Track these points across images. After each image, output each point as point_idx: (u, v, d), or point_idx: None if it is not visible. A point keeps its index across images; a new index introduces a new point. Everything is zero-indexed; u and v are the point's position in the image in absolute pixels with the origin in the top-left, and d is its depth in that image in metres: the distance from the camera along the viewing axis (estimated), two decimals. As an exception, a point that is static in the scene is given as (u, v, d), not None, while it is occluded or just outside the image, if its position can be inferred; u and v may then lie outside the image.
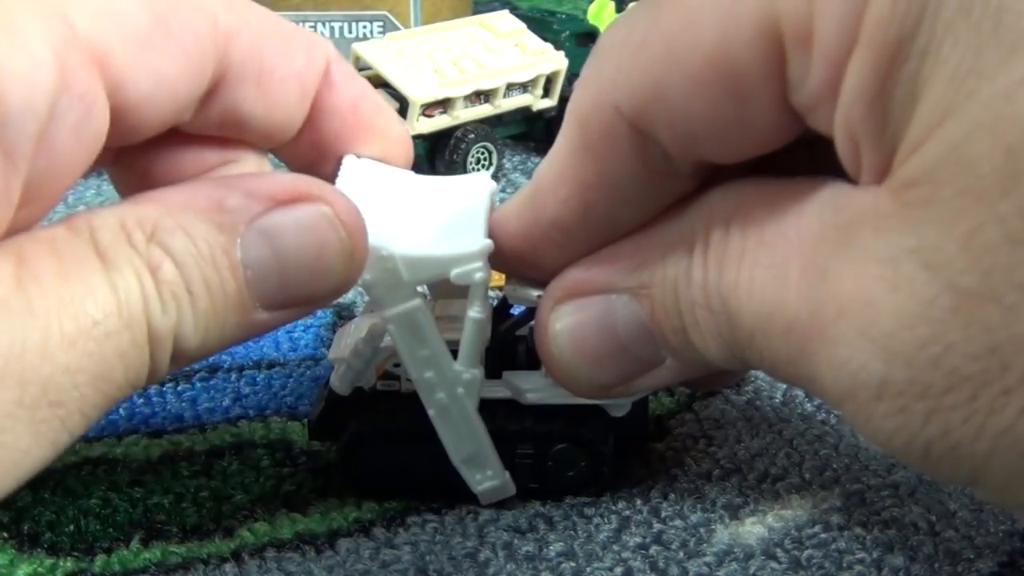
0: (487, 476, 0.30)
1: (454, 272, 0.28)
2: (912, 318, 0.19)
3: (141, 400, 0.37)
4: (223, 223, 0.22)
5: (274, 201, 0.23)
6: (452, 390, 0.29)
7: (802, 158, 0.24)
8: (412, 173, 0.31)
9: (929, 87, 0.19)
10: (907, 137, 0.19)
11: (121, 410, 0.37)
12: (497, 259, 0.28)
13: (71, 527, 0.31)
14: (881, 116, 0.20)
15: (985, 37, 0.18)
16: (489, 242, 0.28)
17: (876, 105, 0.20)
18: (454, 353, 0.29)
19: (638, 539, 0.30)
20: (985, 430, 0.19)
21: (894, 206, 0.20)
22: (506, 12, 0.62)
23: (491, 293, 0.32)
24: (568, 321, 0.27)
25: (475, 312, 0.28)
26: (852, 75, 0.20)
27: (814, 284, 0.21)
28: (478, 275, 0.28)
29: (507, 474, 0.31)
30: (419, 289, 0.28)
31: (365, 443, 0.31)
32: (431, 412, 0.29)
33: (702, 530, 0.30)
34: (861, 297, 0.20)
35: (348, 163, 0.30)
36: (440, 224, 0.29)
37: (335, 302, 0.44)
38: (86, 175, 0.57)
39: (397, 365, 0.31)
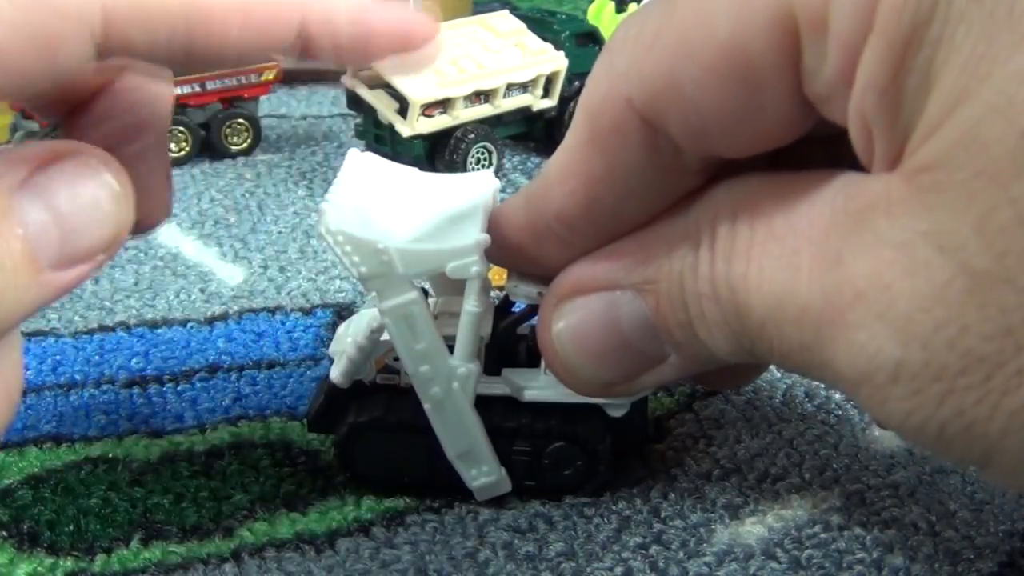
0: (483, 472, 0.31)
1: (450, 265, 0.28)
2: (928, 300, 0.19)
3: (141, 400, 0.37)
4: None
5: (38, 161, 0.22)
6: (447, 384, 0.29)
7: (816, 158, 0.24)
8: (416, 170, 0.31)
9: (943, 74, 0.19)
10: (921, 123, 0.20)
11: (121, 410, 0.37)
12: (499, 253, 0.28)
13: (71, 527, 0.31)
14: (895, 103, 0.20)
15: (998, 23, 0.18)
16: (486, 236, 0.28)
17: (890, 92, 0.20)
18: (454, 349, 0.29)
19: (638, 539, 0.30)
20: (999, 410, 0.19)
21: (907, 191, 0.20)
22: (506, 12, 0.62)
23: (493, 293, 0.32)
24: (571, 319, 0.27)
25: (471, 306, 0.28)
26: (866, 63, 0.20)
27: (828, 270, 0.21)
28: (474, 268, 0.28)
29: (503, 470, 0.31)
30: (417, 284, 0.28)
31: (362, 435, 0.31)
32: (427, 406, 0.29)
33: (702, 530, 0.30)
34: (878, 281, 0.20)
35: (351, 157, 0.30)
36: (439, 219, 0.29)
37: (335, 302, 0.44)
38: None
39: (397, 359, 0.31)
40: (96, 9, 0.21)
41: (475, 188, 0.30)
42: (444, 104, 0.55)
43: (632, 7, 0.72)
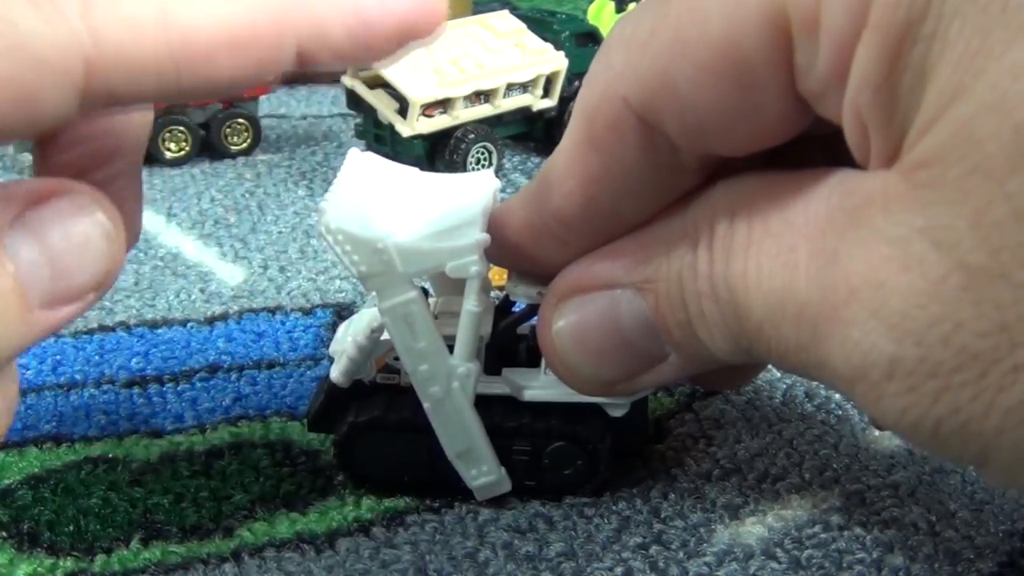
0: (482, 472, 0.31)
1: (450, 264, 0.28)
2: (923, 297, 0.19)
3: (141, 400, 0.37)
4: None
5: (30, 199, 0.22)
6: (447, 384, 0.29)
7: (814, 157, 0.24)
8: (416, 170, 0.31)
9: (937, 70, 0.19)
10: (916, 120, 0.20)
11: (121, 410, 0.37)
12: (499, 253, 0.28)
13: (71, 527, 0.31)
14: (889, 100, 0.20)
15: (992, 19, 0.18)
16: (486, 236, 0.28)
17: (884, 90, 0.20)
18: (454, 348, 0.29)
19: (638, 539, 0.30)
20: (994, 407, 0.19)
21: (903, 187, 0.20)
22: (506, 12, 0.62)
23: (493, 293, 0.32)
24: (572, 318, 0.27)
25: (471, 305, 0.28)
26: (860, 60, 0.20)
27: (824, 268, 0.21)
28: (474, 268, 0.28)
29: (503, 470, 0.31)
30: (417, 283, 0.28)
31: (362, 435, 0.31)
32: (426, 405, 0.29)
33: (702, 530, 0.30)
34: (872, 278, 0.20)
35: (352, 156, 0.30)
36: (439, 218, 0.29)
37: (335, 302, 0.44)
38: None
39: (397, 359, 0.31)
40: (78, 60, 0.20)
41: (475, 188, 0.30)
42: (444, 104, 0.55)
43: (632, 7, 0.72)
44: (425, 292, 0.32)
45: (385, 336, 0.30)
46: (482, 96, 0.57)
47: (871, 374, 0.21)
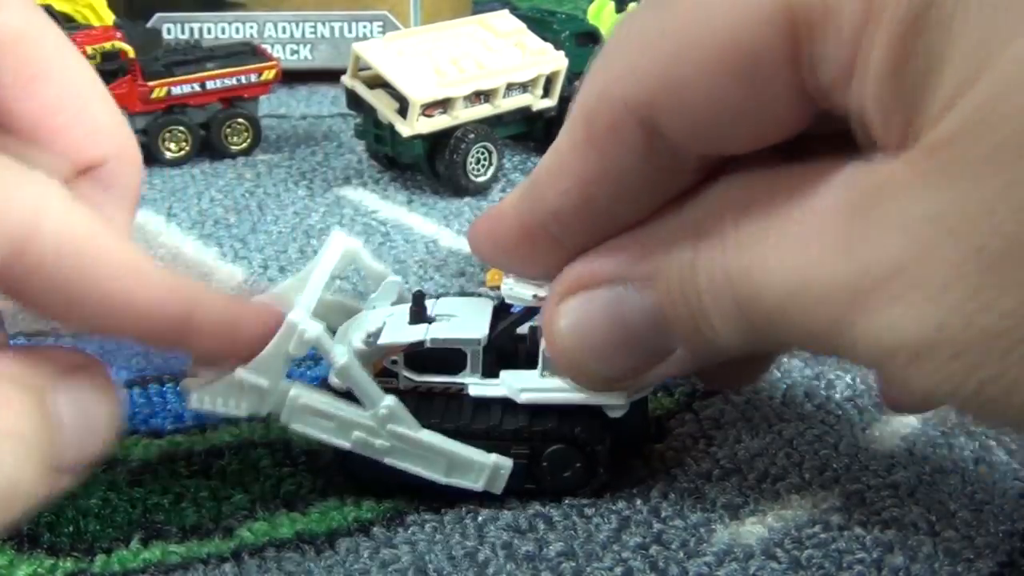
0: (479, 475, 0.31)
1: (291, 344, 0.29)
2: (946, 278, 0.20)
3: (141, 400, 0.37)
4: (32, 384, 0.23)
5: (58, 369, 0.23)
6: (383, 430, 0.30)
7: (814, 153, 0.24)
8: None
9: (953, 51, 0.19)
10: (933, 103, 0.20)
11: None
12: (494, 254, 0.28)
13: (70, 527, 0.31)
14: (899, 90, 0.20)
15: None
16: (301, 308, 0.29)
17: (894, 80, 0.20)
18: (442, 354, 0.30)
19: (638, 539, 0.30)
20: (1019, 384, 0.19)
21: (922, 170, 0.20)
22: (506, 12, 0.62)
23: (492, 293, 0.32)
24: (576, 315, 0.27)
25: (338, 360, 0.29)
26: (871, 50, 0.20)
27: (844, 255, 0.21)
28: (308, 334, 0.29)
29: (491, 456, 0.30)
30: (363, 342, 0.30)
31: None
32: (387, 461, 0.30)
33: (702, 530, 0.30)
34: (894, 263, 0.20)
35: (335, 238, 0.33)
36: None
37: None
38: None
39: (395, 362, 0.31)
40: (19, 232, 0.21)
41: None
42: (444, 104, 0.55)
43: (632, 6, 0.72)
44: (423, 295, 0.32)
45: (383, 340, 0.30)
46: (482, 96, 0.57)
47: (897, 358, 0.21)
